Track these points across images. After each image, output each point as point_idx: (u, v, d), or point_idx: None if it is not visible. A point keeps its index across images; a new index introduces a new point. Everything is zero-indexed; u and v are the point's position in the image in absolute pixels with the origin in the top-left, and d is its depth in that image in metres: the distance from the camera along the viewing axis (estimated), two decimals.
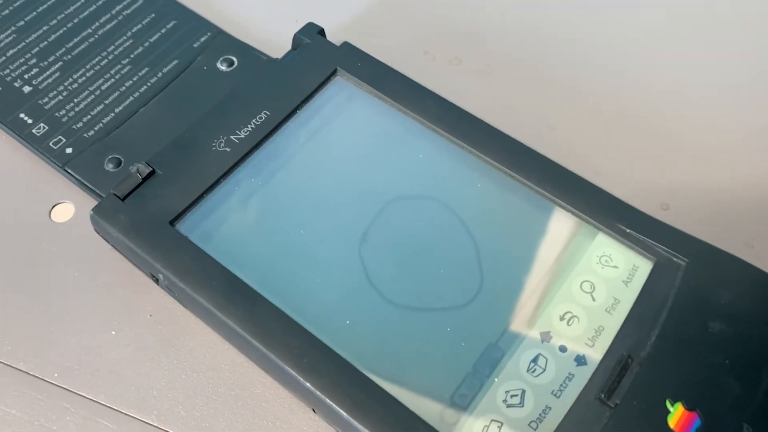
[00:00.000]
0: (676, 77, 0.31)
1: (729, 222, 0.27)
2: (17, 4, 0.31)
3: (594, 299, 0.23)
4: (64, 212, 0.27)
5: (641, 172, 0.29)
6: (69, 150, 0.27)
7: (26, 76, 0.29)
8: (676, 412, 0.20)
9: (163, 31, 0.31)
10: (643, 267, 0.23)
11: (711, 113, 0.30)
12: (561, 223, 0.24)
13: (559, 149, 0.26)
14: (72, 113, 0.28)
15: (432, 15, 0.33)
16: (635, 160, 0.29)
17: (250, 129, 0.26)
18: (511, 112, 0.30)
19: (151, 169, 0.25)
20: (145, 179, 0.24)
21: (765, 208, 0.28)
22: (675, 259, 0.23)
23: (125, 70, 0.30)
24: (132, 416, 0.23)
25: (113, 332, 0.25)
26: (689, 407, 0.20)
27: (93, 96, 0.29)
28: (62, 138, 0.28)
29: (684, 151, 0.29)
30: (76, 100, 0.29)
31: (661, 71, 0.31)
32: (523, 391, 0.21)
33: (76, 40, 0.30)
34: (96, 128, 0.28)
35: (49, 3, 0.31)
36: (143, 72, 0.30)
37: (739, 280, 0.23)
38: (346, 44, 0.28)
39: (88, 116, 0.28)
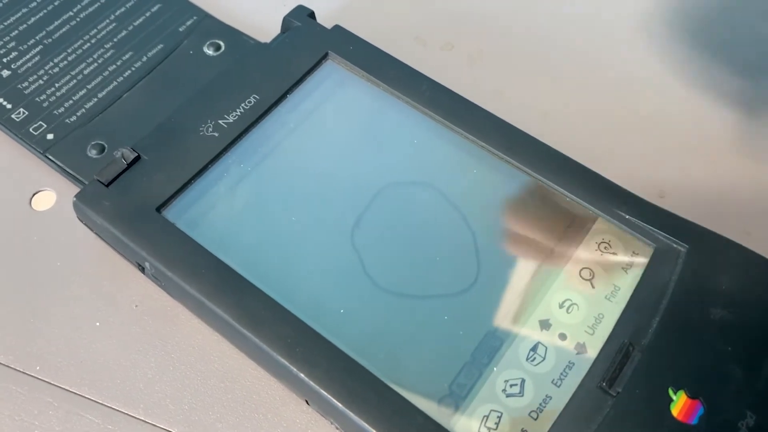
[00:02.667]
0: (670, 64, 0.31)
1: (726, 209, 0.27)
2: None
3: (593, 286, 0.22)
4: (45, 200, 0.26)
5: (637, 159, 0.28)
6: (50, 136, 0.26)
7: (5, 60, 0.28)
8: (679, 400, 0.20)
9: (147, 14, 0.30)
10: (642, 253, 0.23)
11: (708, 100, 0.30)
12: (559, 209, 0.24)
13: (552, 135, 0.26)
14: (53, 98, 0.27)
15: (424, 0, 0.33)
16: (631, 147, 0.28)
17: (238, 113, 0.25)
18: (504, 98, 0.29)
19: (136, 154, 0.24)
20: (130, 165, 0.24)
21: (762, 195, 0.27)
22: (675, 245, 0.23)
23: (108, 54, 0.29)
24: (118, 410, 0.22)
25: (97, 323, 0.24)
26: (692, 395, 0.20)
27: (75, 80, 0.28)
28: (43, 123, 0.27)
29: (681, 137, 0.29)
30: (57, 85, 0.28)
31: (656, 58, 0.31)
32: (523, 380, 0.21)
33: (57, 23, 0.29)
34: (78, 113, 0.27)
35: None
36: (127, 56, 0.29)
37: (740, 266, 0.22)
38: (337, 27, 0.27)
39: (70, 101, 0.27)
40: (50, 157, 0.26)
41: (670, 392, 0.20)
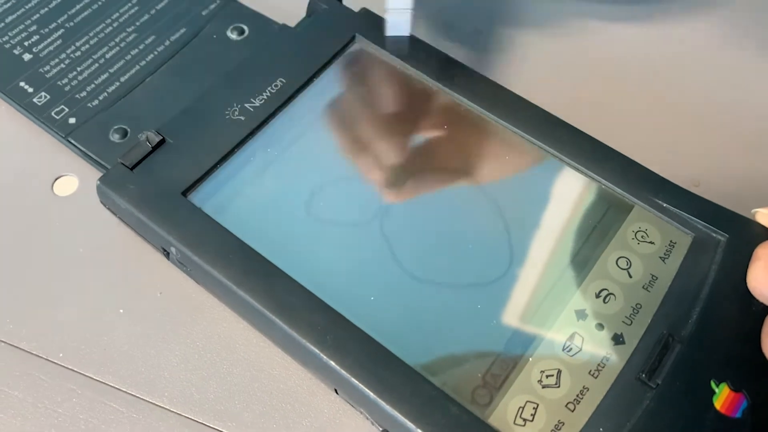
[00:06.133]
0: (702, 52, 0.30)
1: (763, 197, 0.26)
2: None
3: (631, 276, 0.22)
4: (67, 185, 0.26)
5: (670, 147, 0.27)
6: (72, 120, 0.26)
7: (26, 44, 0.28)
8: (722, 393, 0.19)
9: None
10: (681, 242, 0.22)
11: (742, 86, 0.29)
12: (594, 197, 0.23)
13: (585, 123, 0.25)
14: (75, 82, 0.27)
15: None
16: (664, 134, 0.28)
17: (265, 97, 0.24)
18: (537, 86, 0.29)
19: (161, 137, 0.23)
20: (155, 148, 0.23)
21: None
22: (714, 234, 0.22)
23: (131, 38, 0.28)
24: (142, 398, 0.22)
25: (121, 310, 0.23)
26: (735, 388, 0.19)
27: (97, 64, 0.27)
28: (65, 107, 0.26)
29: (715, 124, 0.28)
30: (79, 69, 0.27)
31: (688, 46, 0.30)
32: (559, 371, 0.20)
33: (78, 6, 0.29)
34: (100, 97, 0.26)
35: None
36: (149, 40, 0.28)
37: None
38: (364, 10, 0.27)
39: (92, 85, 0.27)
40: (72, 141, 0.25)
41: (713, 384, 0.19)
